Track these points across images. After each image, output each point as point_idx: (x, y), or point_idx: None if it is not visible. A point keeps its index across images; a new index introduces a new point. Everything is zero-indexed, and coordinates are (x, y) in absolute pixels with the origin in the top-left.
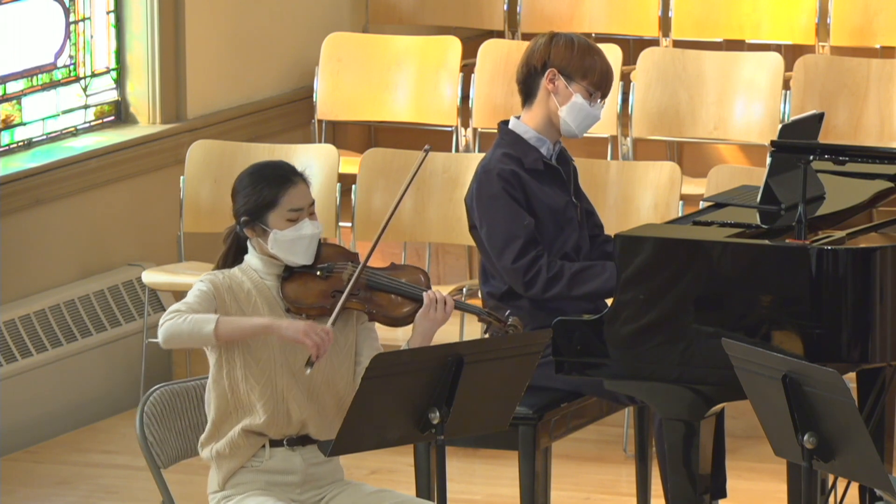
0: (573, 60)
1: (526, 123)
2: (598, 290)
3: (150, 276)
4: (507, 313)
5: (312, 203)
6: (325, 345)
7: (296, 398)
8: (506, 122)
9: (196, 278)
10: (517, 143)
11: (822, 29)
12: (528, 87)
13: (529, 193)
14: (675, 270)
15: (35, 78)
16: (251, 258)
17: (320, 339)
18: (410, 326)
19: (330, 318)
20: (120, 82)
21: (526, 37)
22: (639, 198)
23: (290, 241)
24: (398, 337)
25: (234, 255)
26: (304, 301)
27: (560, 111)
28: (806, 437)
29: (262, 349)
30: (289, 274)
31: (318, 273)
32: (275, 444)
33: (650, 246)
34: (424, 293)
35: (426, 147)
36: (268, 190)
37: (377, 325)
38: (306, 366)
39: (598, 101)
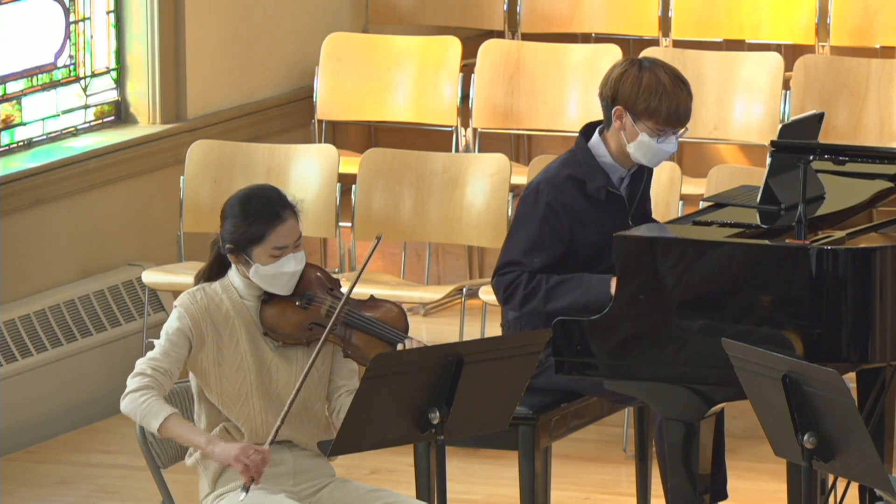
0: (638, 101)
1: (606, 144)
2: (573, 305)
3: (150, 276)
4: None
5: (299, 236)
6: (258, 469)
7: (274, 420)
8: (587, 130)
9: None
10: (587, 165)
11: (822, 29)
12: (605, 113)
13: (575, 226)
14: (674, 270)
15: (35, 78)
16: (234, 275)
17: (253, 463)
18: None
19: (305, 367)
20: (120, 82)
21: (526, 37)
22: None
23: (272, 276)
24: None
25: (218, 266)
26: (282, 330)
27: (628, 147)
28: (806, 437)
29: (236, 373)
30: (269, 297)
31: (298, 303)
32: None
33: (650, 246)
34: (399, 343)
35: (378, 235)
36: (255, 226)
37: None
38: (241, 490)
39: (670, 136)
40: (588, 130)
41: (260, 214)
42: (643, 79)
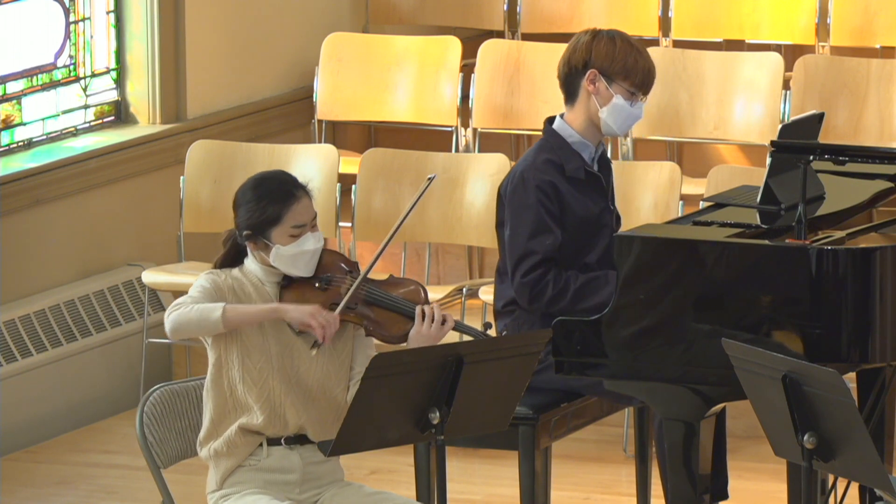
0: (615, 61)
1: (570, 124)
2: (602, 303)
3: (150, 276)
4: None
5: (315, 216)
6: (331, 328)
7: (293, 403)
8: (551, 120)
9: (196, 278)
10: (561, 149)
11: (822, 29)
12: (569, 86)
13: (565, 205)
14: (674, 270)
15: (35, 78)
16: (251, 264)
17: (326, 321)
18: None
19: (337, 307)
20: (120, 82)
21: (526, 37)
22: (639, 198)
23: (293, 256)
24: None
25: (232, 258)
26: None
27: (600, 112)
28: (806, 437)
29: (259, 354)
30: (288, 282)
31: (317, 285)
32: (272, 442)
33: (650, 246)
34: (417, 307)
35: (430, 176)
36: (271, 206)
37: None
38: (312, 347)
39: (640, 100)
40: (551, 121)
41: (274, 196)
42: (616, 42)
